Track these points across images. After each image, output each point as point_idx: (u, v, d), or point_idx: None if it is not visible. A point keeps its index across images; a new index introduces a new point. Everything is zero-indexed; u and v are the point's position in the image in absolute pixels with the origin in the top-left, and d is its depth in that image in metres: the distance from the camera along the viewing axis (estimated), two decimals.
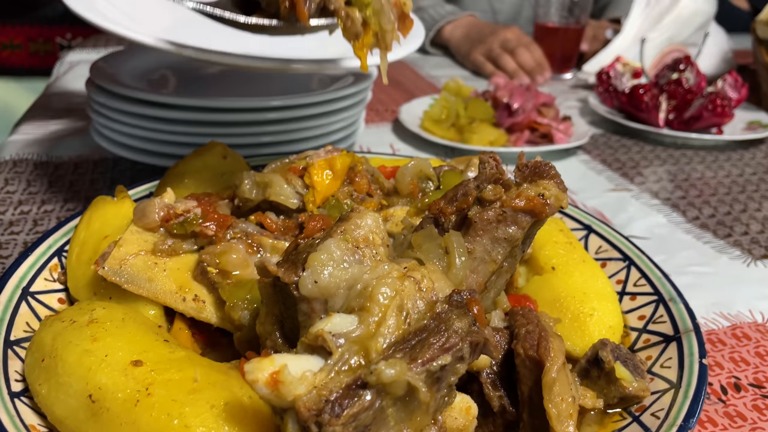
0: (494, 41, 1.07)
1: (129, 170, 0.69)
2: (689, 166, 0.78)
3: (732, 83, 0.86)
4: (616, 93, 0.89)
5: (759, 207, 0.68)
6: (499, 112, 0.80)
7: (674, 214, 0.65)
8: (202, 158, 0.49)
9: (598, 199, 0.68)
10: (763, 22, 0.95)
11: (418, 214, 0.42)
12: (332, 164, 0.42)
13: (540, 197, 0.35)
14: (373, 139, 0.82)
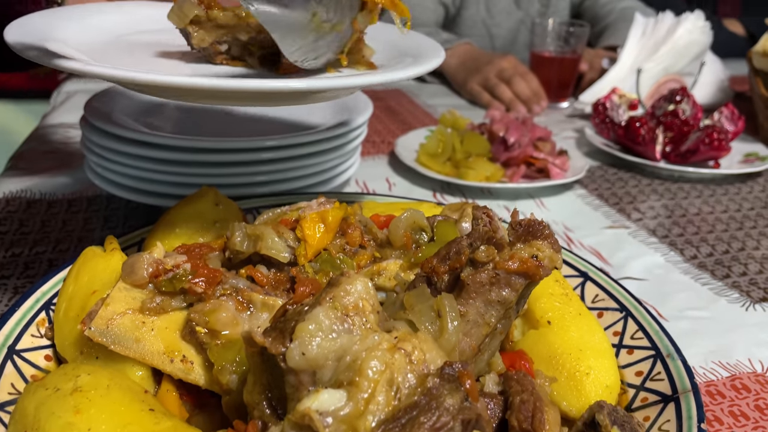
0: (490, 71, 1.07)
1: (122, 208, 0.68)
2: (686, 200, 0.77)
3: (728, 115, 0.86)
4: (612, 125, 0.89)
5: (757, 245, 0.67)
6: (495, 147, 0.79)
7: (672, 253, 0.65)
8: (194, 205, 0.49)
9: (594, 237, 0.67)
10: (758, 53, 0.95)
11: (411, 268, 0.41)
12: (324, 217, 0.41)
13: (534, 259, 0.34)
14: (369, 173, 0.82)
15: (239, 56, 0.48)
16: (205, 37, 0.47)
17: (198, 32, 0.47)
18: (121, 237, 0.50)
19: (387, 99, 1.13)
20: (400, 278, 0.39)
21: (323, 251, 0.41)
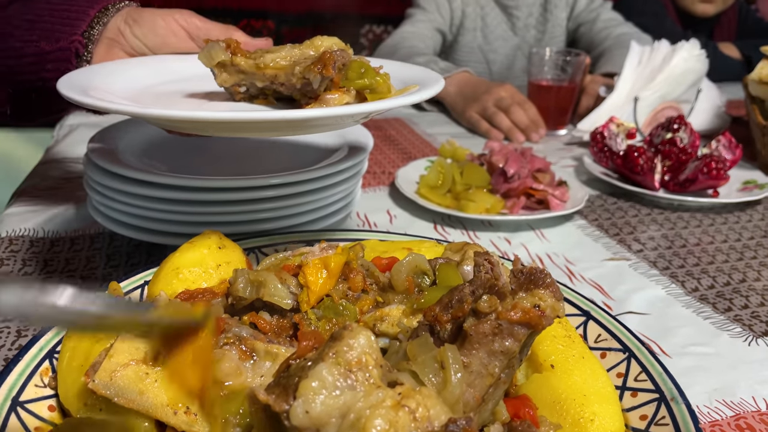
0: (488, 99, 1.08)
1: (125, 246, 0.69)
2: (686, 230, 0.78)
3: (726, 144, 0.87)
4: (611, 154, 0.90)
5: (758, 276, 0.67)
6: (495, 178, 0.80)
7: (673, 286, 0.65)
8: (197, 249, 0.49)
9: (595, 270, 0.67)
10: (754, 80, 0.96)
11: (414, 314, 0.42)
12: (327, 263, 0.42)
13: (536, 308, 0.35)
14: (370, 205, 0.82)
15: (256, 96, 0.54)
16: (228, 79, 0.53)
17: (222, 74, 0.53)
18: (123, 280, 0.50)
19: (386, 128, 1.13)
20: (402, 325, 0.39)
21: (326, 297, 0.41)
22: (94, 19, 0.61)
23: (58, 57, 0.61)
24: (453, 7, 1.47)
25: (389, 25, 2.07)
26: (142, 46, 0.62)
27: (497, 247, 0.72)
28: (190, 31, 0.62)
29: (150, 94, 0.54)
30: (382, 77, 0.51)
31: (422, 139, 1.09)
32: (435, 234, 0.75)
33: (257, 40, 0.61)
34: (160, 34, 0.61)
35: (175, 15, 0.62)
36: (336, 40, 0.54)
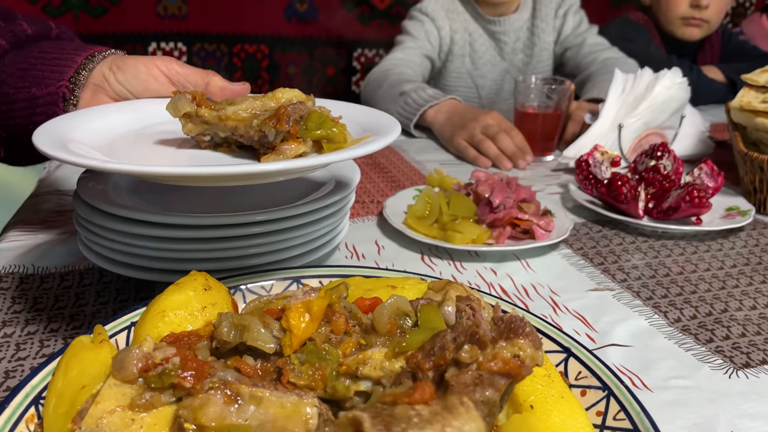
0: (476, 127, 1.10)
1: (114, 282, 0.69)
2: (670, 258, 0.79)
3: (708, 172, 0.88)
4: (596, 181, 0.91)
5: (740, 305, 0.69)
6: (481, 208, 0.81)
7: (656, 317, 0.66)
8: (183, 292, 0.50)
9: (579, 301, 0.68)
10: (736, 107, 0.98)
11: (396, 356, 0.42)
12: (309, 307, 0.43)
13: (516, 359, 0.35)
14: (358, 236, 0.83)
15: (220, 144, 0.58)
16: (193, 129, 0.57)
17: (188, 124, 0.56)
18: (110, 322, 0.51)
19: (376, 155, 1.15)
20: (385, 369, 0.40)
21: (309, 342, 0.42)
22: (80, 65, 0.65)
23: (47, 101, 0.63)
24: (442, 35, 1.50)
25: (381, 49, 2.10)
26: (125, 91, 0.65)
27: (483, 278, 0.73)
28: (170, 77, 0.65)
29: (124, 143, 0.58)
30: (339, 128, 0.54)
31: (411, 167, 1.10)
32: (422, 265, 0.76)
33: (235, 85, 0.64)
34: (142, 79, 0.65)
35: (156, 62, 0.65)
36: (297, 92, 0.57)
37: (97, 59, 0.66)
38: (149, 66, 0.65)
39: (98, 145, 0.54)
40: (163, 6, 1.92)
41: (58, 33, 0.74)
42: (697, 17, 1.64)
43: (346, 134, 0.56)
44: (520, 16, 1.52)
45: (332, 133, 0.54)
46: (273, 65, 2.06)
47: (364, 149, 0.52)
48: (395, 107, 1.26)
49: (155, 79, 0.65)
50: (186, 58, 1.99)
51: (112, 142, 0.57)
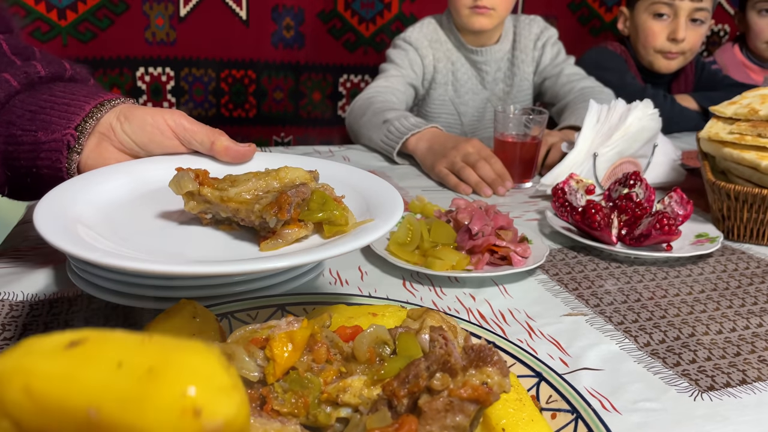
0: (456, 155, 1.13)
1: (102, 309, 0.71)
2: (641, 284, 0.82)
3: (678, 200, 0.92)
4: (571, 209, 0.95)
5: (706, 330, 0.72)
6: (461, 235, 0.84)
7: (626, 341, 0.69)
8: (171, 321, 0.52)
9: (554, 326, 0.71)
10: (704, 138, 1.02)
11: (374, 384, 0.45)
12: (292, 337, 0.45)
13: (484, 386, 0.38)
14: (342, 262, 0.85)
15: (222, 222, 0.58)
16: (195, 207, 0.57)
17: (190, 201, 0.57)
18: None
19: None
20: (363, 397, 0.42)
21: (291, 370, 0.44)
22: (88, 113, 0.65)
23: (51, 147, 0.65)
24: (425, 63, 1.54)
25: (366, 75, 2.14)
26: (130, 141, 0.66)
27: (462, 303, 0.76)
28: (177, 132, 0.65)
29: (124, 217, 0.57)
30: (341, 210, 0.54)
31: None
32: (404, 290, 0.79)
33: (240, 145, 0.65)
34: (148, 131, 0.65)
35: (164, 115, 0.65)
36: (301, 172, 0.57)
37: (106, 108, 0.66)
38: (156, 118, 0.65)
39: (99, 220, 0.54)
40: (152, 32, 1.95)
41: (72, 74, 0.75)
42: (674, 50, 1.70)
43: (347, 216, 0.55)
44: (501, 47, 1.57)
45: (334, 216, 0.54)
46: (260, 90, 2.09)
47: (365, 239, 0.52)
48: (379, 135, 1.29)
49: (161, 132, 0.65)
50: (173, 83, 2.02)
51: (112, 219, 0.56)
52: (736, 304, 0.78)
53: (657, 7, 1.67)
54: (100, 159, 0.67)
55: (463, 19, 1.48)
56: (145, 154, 0.67)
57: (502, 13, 1.48)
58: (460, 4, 1.46)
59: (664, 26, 1.68)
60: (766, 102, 0.99)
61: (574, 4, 2.29)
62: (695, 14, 1.66)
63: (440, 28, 1.57)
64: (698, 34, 1.69)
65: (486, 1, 1.42)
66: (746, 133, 0.96)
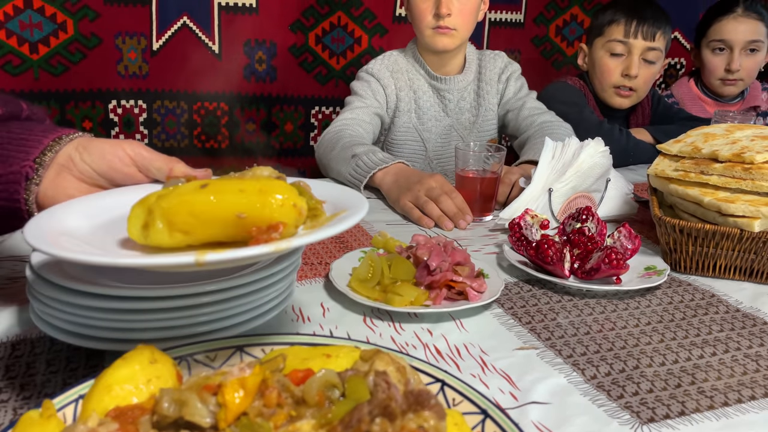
0: (420, 189, 1.17)
1: (65, 350, 0.72)
2: (591, 317, 0.86)
3: (626, 235, 0.97)
4: (527, 243, 0.99)
5: (650, 362, 0.75)
6: (419, 271, 0.87)
7: (574, 374, 0.72)
8: (129, 366, 0.53)
9: (506, 360, 0.74)
10: (652, 174, 1.08)
11: (323, 427, 0.47)
12: (244, 383, 0.47)
13: (421, 429, 0.41)
14: (305, 299, 0.88)
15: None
16: None
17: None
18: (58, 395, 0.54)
19: None
20: None
21: (243, 416, 0.46)
22: (47, 147, 0.68)
23: (9, 179, 0.66)
24: (387, 93, 1.60)
25: (337, 106, 2.19)
26: (90, 170, 0.69)
27: (420, 338, 0.79)
28: (136, 160, 0.68)
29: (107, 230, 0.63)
30: (316, 201, 0.59)
31: (359, 227, 1.16)
32: (364, 327, 0.81)
33: (197, 171, 0.68)
34: (108, 159, 0.68)
35: (123, 145, 0.68)
36: (270, 170, 0.62)
37: (64, 141, 0.69)
38: (115, 148, 0.69)
39: (85, 232, 0.60)
40: (124, 65, 1.97)
41: (29, 114, 0.77)
42: (627, 85, 1.78)
43: (322, 209, 0.61)
44: (464, 78, 1.63)
45: (311, 203, 0.59)
46: (232, 122, 2.12)
47: (343, 225, 0.57)
48: (347, 168, 1.33)
49: (120, 160, 0.69)
50: (146, 114, 2.04)
51: (96, 230, 0.62)
52: (680, 336, 0.82)
53: (613, 45, 1.75)
54: (59, 189, 0.69)
55: (426, 40, 1.54)
56: (105, 183, 0.70)
57: (464, 34, 1.55)
58: (424, 24, 1.53)
59: (618, 63, 1.77)
60: (708, 140, 1.05)
61: (537, 39, 2.37)
62: (648, 54, 1.74)
63: (402, 58, 1.63)
64: (650, 73, 1.78)
65: (448, 22, 1.49)
66: (690, 170, 1.02)
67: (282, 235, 0.54)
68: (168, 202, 0.55)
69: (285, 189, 0.55)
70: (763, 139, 1.02)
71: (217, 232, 0.56)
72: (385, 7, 2.15)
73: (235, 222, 0.54)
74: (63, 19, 1.87)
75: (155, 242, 0.56)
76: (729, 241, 0.95)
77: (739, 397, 0.69)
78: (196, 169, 0.69)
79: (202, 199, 0.54)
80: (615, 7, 1.76)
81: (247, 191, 0.54)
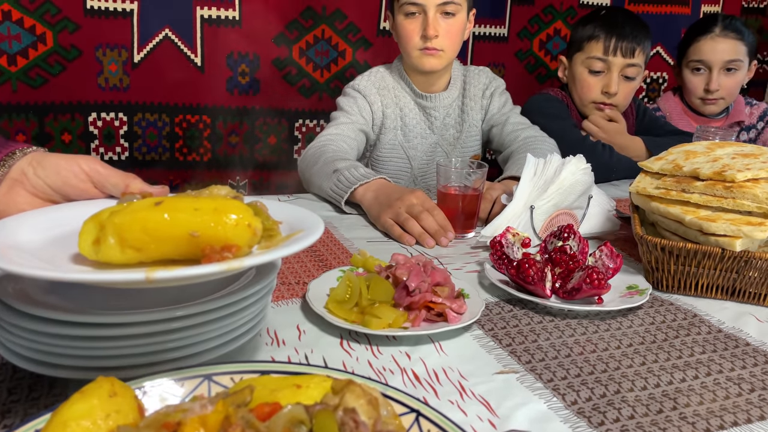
0: (401, 206, 1.15)
1: (27, 378, 0.69)
2: (572, 338, 0.84)
3: (608, 254, 0.96)
4: (508, 262, 0.97)
5: (632, 386, 0.74)
6: (398, 292, 0.85)
7: (554, 399, 0.70)
8: (87, 400, 0.51)
9: (485, 385, 0.72)
10: (634, 192, 1.07)
11: None
12: (205, 421, 0.45)
13: None
14: (280, 321, 0.85)
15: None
16: None
17: None
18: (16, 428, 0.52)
19: None
20: None
21: None
22: (0, 161, 0.66)
23: None
24: (374, 109, 1.58)
25: (321, 119, 2.17)
26: (44, 185, 0.68)
27: (398, 362, 0.77)
28: (91, 176, 0.68)
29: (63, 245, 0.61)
30: (272, 222, 0.58)
31: (339, 245, 1.14)
32: (341, 350, 0.79)
33: (153, 188, 0.67)
34: (62, 175, 0.67)
35: (79, 160, 0.68)
36: (227, 189, 0.61)
37: (18, 156, 0.69)
38: (70, 163, 0.68)
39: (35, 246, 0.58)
40: (105, 77, 1.95)
41: None
42: (606, 102, 1.79)
43: (278, 229, 0.61)
44: (449, 94, 1.63)
45: (266, 224, 0.58)
46: (215, 135, 2.10)
47: (297, 246, 0.57)
48: (329, 184, 1.31)
49: (75, 176, 0.68)
50: (126, 127, 2.01)
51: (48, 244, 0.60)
52: (661, 358, 0.81)
53: (592, 63, 1.76)
54: (11, 204, 0.69)
55: (414, 61, 1.54)
56: (59, 198, 0.70)
57: (450, 55, 1.55)
58: (411, 46, 1.52)
59: (598, 81, 1.77)
60: (689, 158, 1.05)
61: (521, 53, 2.38)
62: (627, 70, 1.75)
63: (388, 75, 1.62)
64: (630, 88, 1.79)
65: (435, 43, 1.49)
66: (671, 188, 1.01)
67: (235, 254, 0.53)
68: (121, 218, 0.54)
69: (240, 209, 0.55)
70: (743, 157, 1.01)
71: (170, 250, 0.55)
72: (369, 21, 2.14)
73: (188, 240, 0.53)
74: (42, 31, 1.84)
75: (106, 258, 0.55)
76: (711, 260, 0.94)
77: (722, 423, 0.68)
78: (153, 185, 0.68)
79: (156, 217, 0.53)
80: (594, 21, 1.76)
81: (201, 210, 0.54)
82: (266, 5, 2.03)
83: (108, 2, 1.88)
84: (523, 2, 2.31)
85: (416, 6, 1.47)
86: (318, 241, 1.15)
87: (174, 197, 0.58)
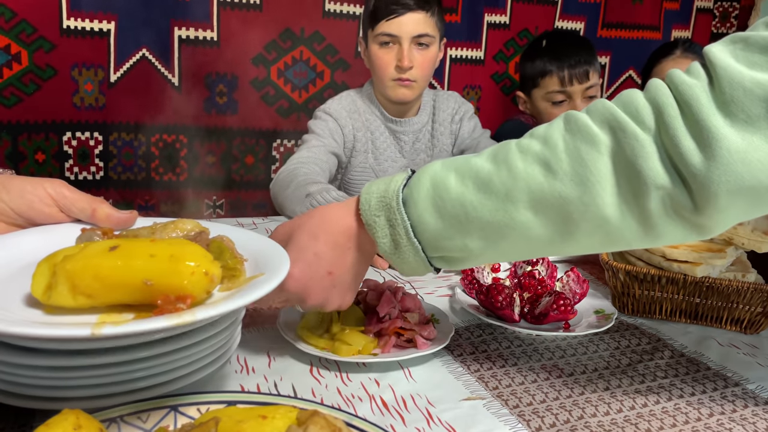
0: None
1: None
2: (539, 364, 0.86)
3: (575, 279, 0.98)
4: (478, 286, 0.99)
5: (595, 411, 0.76)
6: (368, 318, 0.86)
7: (519, 426, 0.72)
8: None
9: (452, 411, 0.73)
10: None
11: None
12: None
13: None
14: (251, 348, 0.86)
15: None
16: None
17: None
18: None
19: None
20: None
21: None
22: None
23: None
24: (345, 132, 1.61)
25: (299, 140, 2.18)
26: (8, 210, 0.67)
27: (366, 389, 0.77)
28: (57, 200, 0.67)
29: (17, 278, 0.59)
30: (234, 261, 0.58)
31: None
32: (310, 378, 0.80)
33: (121, 213, 0.67)
34: (27, 199, 0.66)
35: (45, 184, 0.67)
36: (194, 223, 0.61)
37: None
38: (36, 186, 0.67)
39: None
40: (80, 97, 1.94)
41: None
42: None
43: (242, 269, 0.60)
44: (419, 119, 1.66)
45: (227, 264, 0.58)
46: (192, 154, 2.09)
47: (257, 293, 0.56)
48: (302, 208, 1.32)
49: (41, 200, 0.67)
50: (102, 147, 2.01)
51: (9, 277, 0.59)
52: (625, 383, 0.82)
53: (552, 96, 1.80)
54: None
55: (387, 91, 1.56)
56: (24, 222, 0.68)
57: (423, 84, 1.59)
58: (385, 76, 1.55)
59: (562, 109, 1.82)
60: None
61: (497, 75, 2.43)
62: (587, 92, 1.79)
63: (359, 99, 1.65)
64: None
65: (409, 74, 1.53)
66: None
67: (190, 305, 0.53)
68: (73, 265, 0.53)
69: (197, 255, 0.54)
70: None
71: (123, 297, 0.55)
72: (348, 43, 2.17)
73: (141, 288, 0.53)
74: (18, 50, 1.83)
75: (57, 303, 0.55)
76: (674, 285, 0.97)
77: None
78: (122, 210, 0.68)
79: (109, 264, 0.53)
80: (542, 56, 1.80)
81: (157, 257, 0.53)
82: (245, 26, 2.05)
83: (85, 22, 1.88)
84: (499, 26, 2.36)
85: (391, 37, 1.51)
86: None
87: (130, 241, 0.57)
